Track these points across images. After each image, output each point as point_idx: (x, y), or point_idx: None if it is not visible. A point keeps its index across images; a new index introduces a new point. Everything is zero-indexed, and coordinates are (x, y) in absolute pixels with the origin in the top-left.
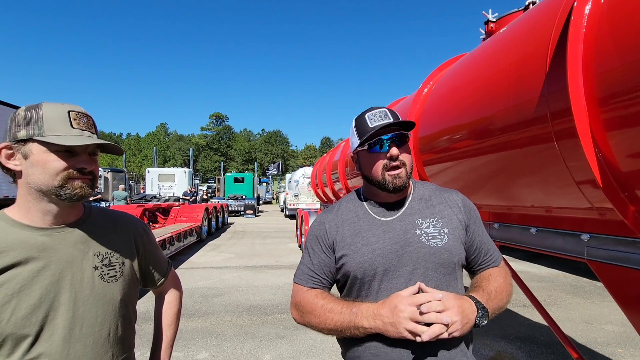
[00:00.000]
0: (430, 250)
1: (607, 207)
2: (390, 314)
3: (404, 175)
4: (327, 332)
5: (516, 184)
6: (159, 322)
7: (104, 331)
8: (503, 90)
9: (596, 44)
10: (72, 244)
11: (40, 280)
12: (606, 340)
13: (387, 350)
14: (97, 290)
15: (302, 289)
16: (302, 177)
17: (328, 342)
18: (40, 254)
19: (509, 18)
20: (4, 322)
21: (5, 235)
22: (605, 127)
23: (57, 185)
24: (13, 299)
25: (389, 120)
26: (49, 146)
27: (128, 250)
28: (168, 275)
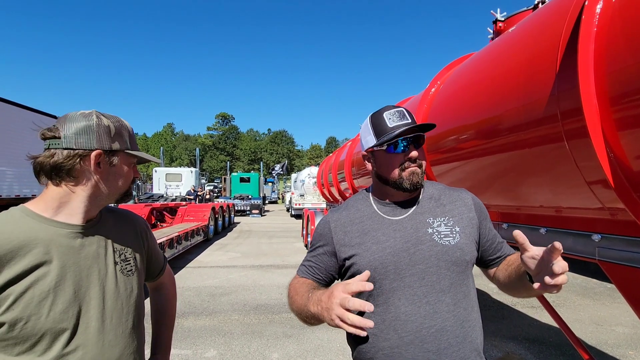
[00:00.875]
0: (442, 249)
1: (618, 207)
2: (327, 300)
3: (419, 172)
4: (296, 314)
5: (525, 184)
6: (158, 314)
7: (130, 322)
8: (512, 90)
9: (608, 43)
10: (95, 241)
11: (72, 275)
12: (616, 341)
13: (401, 351)
14: (120, 284)
15: (295, 277)
16: (307, 176)
17: (335, 341)
18: (69, 251)
19: (518, 17)
20: (43, 318)
21: (36, 231)
22: (617, 126)
23: (124, 190)
24: (50, 294)
25: (408, 121)
26: (133, 159)
27: (137, 245)
28: (165, 269)
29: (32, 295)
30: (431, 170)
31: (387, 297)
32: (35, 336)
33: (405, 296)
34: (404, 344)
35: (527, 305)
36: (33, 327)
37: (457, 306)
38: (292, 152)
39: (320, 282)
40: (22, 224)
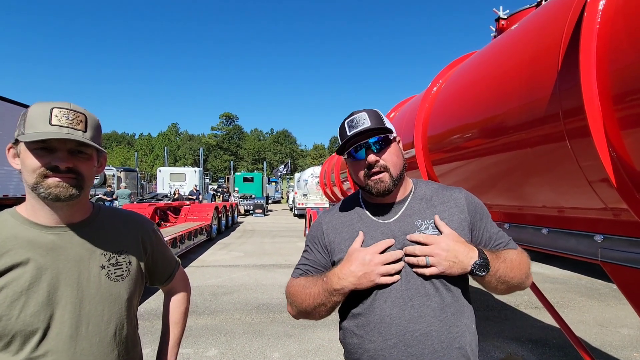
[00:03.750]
0: None
1: (621, 207)
2: (362, 267)
3: (387, 180)
4: (311, 309)
5: (527, 184)
6: (167, 319)
7: (110, 330)
8: (514, 88)
9: (610, 41)
10: (79, 243)
11: (48, 278)
12: (621, 343)
13: (385, 354)
14: (103, 289)
15: (291, 279)
16: (310, 176)
17: (336, 341)
18: (48, 253)
19: (521, 15)
20: (13, 319)
21: (15, 232)
22: (620, 125)
23: (32, 183)
24: (22, 296)
25: (367, 125)
26: (27, 145)
27: (135, 249)
28: (175, 274)
29: (5, 296)
30: (433, 170)
31: (372, 300)
32: (6, 336)
33: (390, 299)
34: (387, 346)
35: (531, 306)
36: (4, 327)
37: (444, 311)
38: (296, 152)
39: None
40: (6, 226)
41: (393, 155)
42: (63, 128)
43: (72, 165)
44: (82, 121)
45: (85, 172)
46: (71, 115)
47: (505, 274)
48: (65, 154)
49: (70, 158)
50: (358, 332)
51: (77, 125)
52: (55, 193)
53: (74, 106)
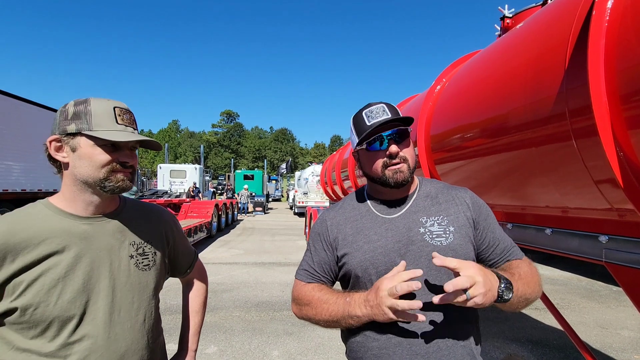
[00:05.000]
0: (434, 249)
1: (627, 208)
2: (374, 297)
3: (405, 170)
4: (323, 323)
5: (531, 184)
6: (187, 309)
7: (140, 317)
8: (519, 87)
9: (619, 39)
10: (110, 233)
11: (83, 266)
12: (622, 345)
13: (389, 352)
14: (132, 278)
15: (301, 283)
16: (311, 174)
17: (336, 339)
18: (82, 242)
19: (526, 13)
20: (51, 305)
21: (51, 223)
22: (627, 124)
23: (102, 177)
24: (59, 283)
25: (387, 116)
26: (96, 140)
27: (160, 240)
28: (194, 266)
29: (42, 283)
30: (435, 169)
31: None
32: (44, 322)
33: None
34: (391, 345)
35: (531, 307)
36: (42, 313)
37: (449, 309)
38: (296, 150)
39: (327, 284)
40: (40, 216)
41: (410, 148)
42: (128, 127)
43: (133, 162)
44: (134, 120)
45: (136, 166)
46: (128, 115)
47: (524, 291)
48: (129, 152)
49: (132, 155)
50: (362, 331)
51: (133, 124)
52: (122, 187)
53: (125, 105)
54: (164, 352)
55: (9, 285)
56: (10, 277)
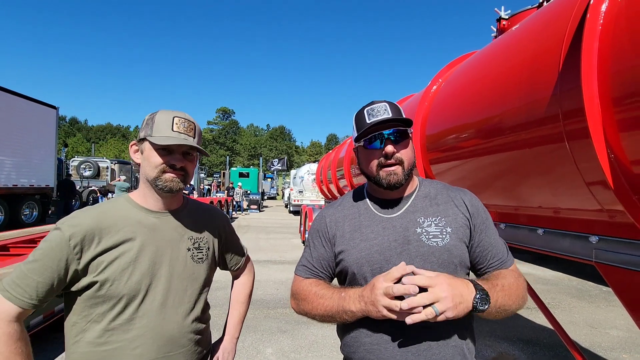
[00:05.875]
0: (429, 250)
1: (617, 209)
2: (369, 293)
3: (399, 173)
4: (319, 318)
5: (524, 184)
6: (234, 299)
7: (190, 304)
8: (514, 89)
9: (612, 43)
10: (173, 227)
11: (149, 253)
12: (610, 345)
13: (381, 349)
14: (188, 269)
15: (300, 278)
16: (307, 173)
17: (329, 337)
18: (150, 232)
19: (522, 15)
20: (122, 284)
21: (129, 214)
22: (619, 127)
23: (154, 176)
24: (130, 265)
25: (388, 115)
26: (153, 144)
27: (214, 237)
28: (244, 262)
29: (118, 264)
30: (430, 169)
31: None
32: (115, 298)
33: None
34: (383, 341)
35: None
36: (115, 289)
37: None
38: (292, 149)
39: (325, 280)
40: (122, 208)
41: (409, 150)
42: (181, 134)
43: (184, 165)
44: (192, 129)
45: (190, 170)
46: (186, 124)
47: (504, 302)
48: (180, 156)
49: (183, 159)
50: (356, 326)
51: (189, 132)
52: (170, 186)
53: (188, 116)
54: (209, 339)
55: (93, 263)
56: (96, 256)
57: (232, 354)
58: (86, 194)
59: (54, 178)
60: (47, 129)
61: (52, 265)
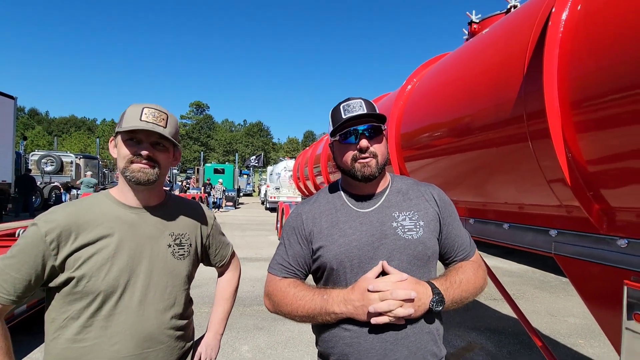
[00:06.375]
0: (405, 243)
1: (574, 204)
2: (361, 297)
3: (373, 165)
4: (299, 319)
5: (492, 182)
6: (219, 295)
7: (170, 300)
8: (484, 90)
9: (572, 49)
10: (153, 223)
11: (127, 249)
12: (568, 331)
13: (360, 341)
14: (168, 265)
15: (276, 278)
16: (283, 169)
17: (305, 333)
18: (129, 228)
19: (492, 20)
20: (100, 280)
21: (108, 210)
22: (576, 129)
23: (122, 167)
24: (108, 261)
25: (363, 111)
26: (122, 135)
27: (196, 233)
28: (229, 259)
29: (96, 260)
30: (405, 166)
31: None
32: (92, 294)
33: None
34: (363, 333)
35: (490, 298)
36: (92, 285)
37: None
38: (269, 145)
39: (301, 278)
40: (100, 204)
41: (382, 145)
42: (149, 123)
43: (152, 154)
44: (164, 119)
45: (162, 161)
46: (156, 113)
47: (459, 297)
48: (147, 145)
49: (151, 148)
50: (334, 323)
51: (160, 122)
52: (138, 177)
53: (160, 107)
54: (191, 335)
55: (70, 259)
56: (73, 252)
57: (215, 350)
58: (48, 190)
59: (11, 173)
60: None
61: (28, 261)
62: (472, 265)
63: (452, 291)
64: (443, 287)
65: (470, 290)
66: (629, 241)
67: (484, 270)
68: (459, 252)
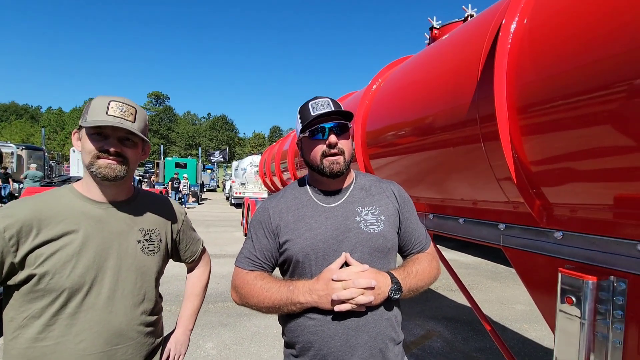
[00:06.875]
0: (367, 236)
1: (519, 201)
2: (325, 287)
3: (341, 162)
4: (265, 310)
5: (449, 179)
6: (188, 292)
7: (140, 297)
8: (442, 93)
9: (518, 59)
10: (121, 219)
11: (94, 245)
12: (515, 317)
13: (324, 329)
14: (138, 261)
15: (243, 271)
16: (249, 165)
17: (271, 327)
18: (96, 224)
19: (451, 27)
20: (64, 277)
21: (72, 205)
22: (520, 132)
23: (87, 162)
24: (73, 258)
25: (330, 109)
26: (87, 130)
27: (166, 229)
28: (200, 255)
29: (59, 257)
30: (370, 164)
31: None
32: (56, 292)
33: None
34: (327, 322)
35: (447, 289)
36: (56, 283)
37: None
38: (234, 140)
39: (268, 271)
40: (64, 198)
41: (349, 142)
42: (116, 118)
43: (120, 150)
44: (132, 113)
45: (130, 157)
46: (124, 108)
47: (416, 286)
48: (115, 140)
49: (118, 144)
50: (300, 313)
51: (128, 116)
52: (105, 173)
53: (128, 100)
54: (160, 331)
55: (31, 256)
56: (34, 248)
57: (184, 346)
58: None
59: None
60: None
61: None
62: (427, 257)
63: (409, 280)
64: (401, 277)
65: (425, 280)
66: (564, 233)
67: (438, 261)
68: (416, 244)
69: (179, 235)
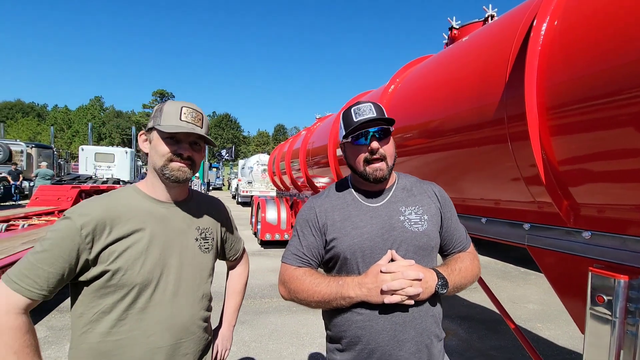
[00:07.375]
0: (412, 235)
1: (546, 201)
2: (374, 279)
3: (384, 168)
4: (315, 304)
5: (472, 179)
6: (230, 289)
7: (199, 293)
8: (467, 94)
9: (549, 60)
10: (182, 218)
11: (159, 243)
12: (528, 316)
13: (372, 324)
14: (196, 258)
15: (290, 267)
16: (256, 163)
17: (289, 325)
18: (160, 223)
19: (470, 27)
20: (135, 273)
21: (138, 204)
22: (550, 132)
23: (161, 165)
24: (142, 255)
25: (373, 115)
26: (161, 133)
27: (217, 228)
28: (242, 253)
29: (130, 254)
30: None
31: None
32: (127, 287)
33: None
34: (375, 317)
35: None
36: (128, 278)
37: None
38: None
39: (314, 267)
40: (130, 198)
41: (391, 146)
42: (189, 124)
43: (190, 154)
44: (200, 119)
45: (197, 160)
46: (194, 114)
47: (460, 283)
48: (187, 145)
49: (189, 149)
50: (347, 308)
51: (197, 122)
52: (177, 175)
53: (195, 106)
54: (211, 327)
55: (104, 252)
56: (107, 245)
57: (229, 341)
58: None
59: None
60: None
61: (63, 255)
62: (469, 256)
63: (453, 277)
64: (446, 273)
65: (468, 277)
66: (592, 233)
67: (479, 260)
68: (457, 244)
69: (226, 234)
